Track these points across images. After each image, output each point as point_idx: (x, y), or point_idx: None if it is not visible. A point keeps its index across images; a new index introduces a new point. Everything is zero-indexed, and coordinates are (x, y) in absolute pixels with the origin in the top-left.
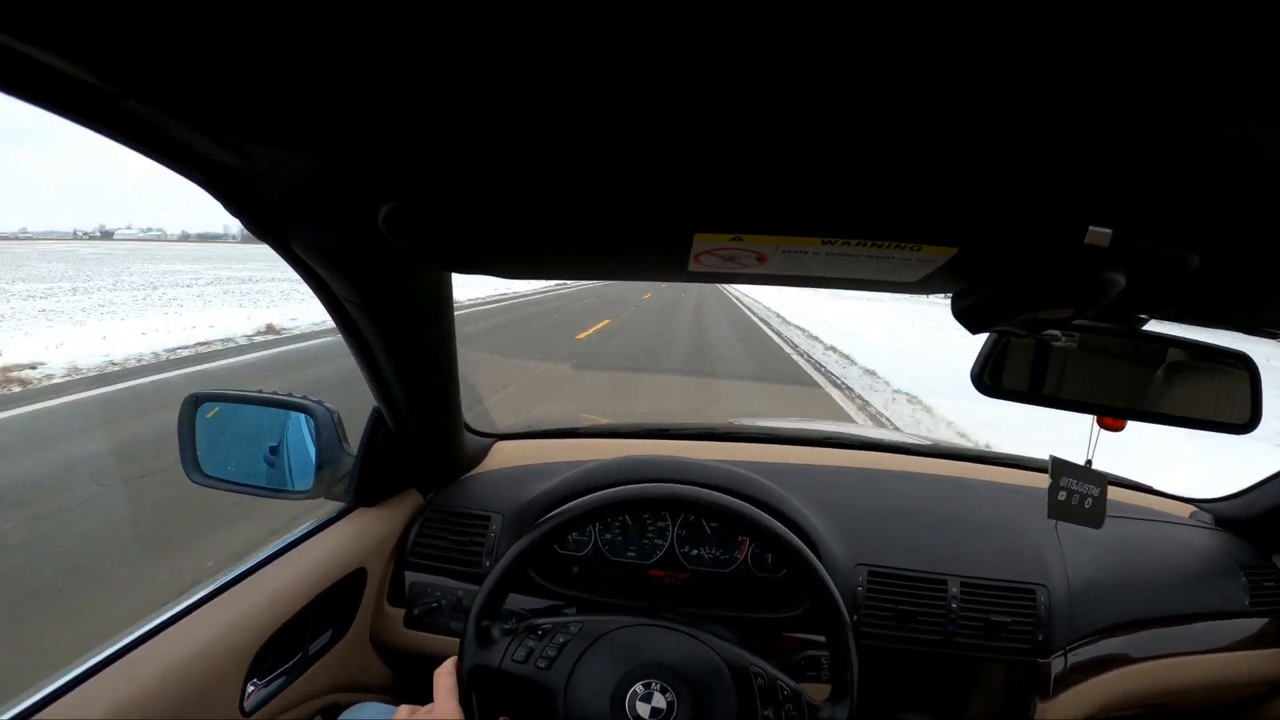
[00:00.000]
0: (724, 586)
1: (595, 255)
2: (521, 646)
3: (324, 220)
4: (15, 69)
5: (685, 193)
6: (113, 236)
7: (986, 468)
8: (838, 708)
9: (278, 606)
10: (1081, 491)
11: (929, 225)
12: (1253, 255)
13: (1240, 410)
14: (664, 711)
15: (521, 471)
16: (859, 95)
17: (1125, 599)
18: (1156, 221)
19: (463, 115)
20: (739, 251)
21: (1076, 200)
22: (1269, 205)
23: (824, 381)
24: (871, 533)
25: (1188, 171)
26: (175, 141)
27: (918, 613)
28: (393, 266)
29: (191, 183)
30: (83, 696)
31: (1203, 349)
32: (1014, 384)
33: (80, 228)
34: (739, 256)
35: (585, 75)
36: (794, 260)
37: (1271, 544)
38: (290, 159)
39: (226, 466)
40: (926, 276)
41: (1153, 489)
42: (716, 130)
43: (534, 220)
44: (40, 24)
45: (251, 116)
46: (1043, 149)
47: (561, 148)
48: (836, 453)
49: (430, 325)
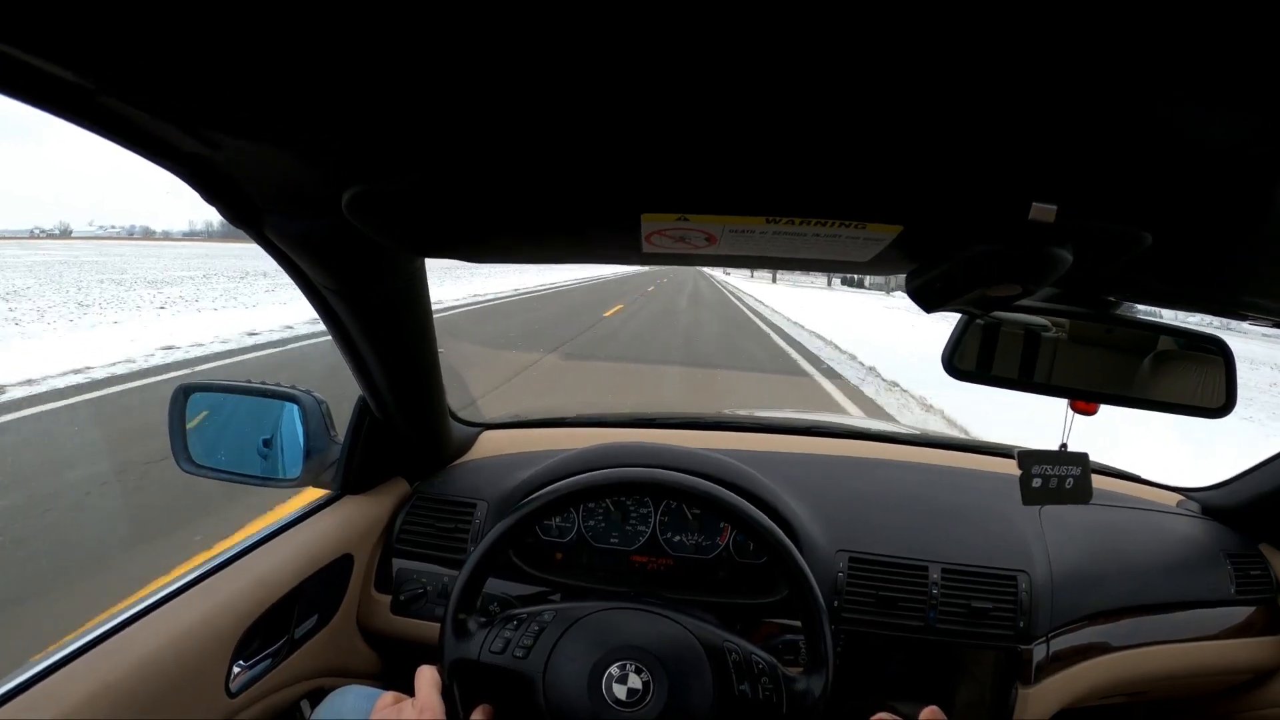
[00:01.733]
0: (706, 572)
1: (551, 237)
2: (499, 637)
3: (296, 208)
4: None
5: (629, 173)
6: (70, 234)
7: (969, 455)
8: (813, 680)
9: (264, 590)
10: (1059, 474)
11: (872, 203)
12: (1208, 233)
13: (1215, 395)
14: (640, 692)
15: (507, 460)
16: (796, 75)
17: (1109, 587)
18: (1102, 198)
19: (416, 101)
20: (688, 231)
21: (1019, 176)
22: (1218, 182)
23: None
24: (853, 519)
25: (1128, 148)
26: (149, 135)
27: (899, 598)
28: (365, 253)
29: (169, 173)
30: (69, 675)
31: (1176, 332)
32: (987, 368)
33: (40, 225)
34: (689, 236)
35: (532, 60)
36: (742, 240)
37: (1258, 532)
38: (258, 148)
39: (216, 455)
40: (877, 256)
41: (1139, 477)
42: (656, 111)
43: (487, 203)
44: (18, 23)
45: (218, 109)
46: (983, 125)
47: (509, 131)
48: (820, 441)
49: (407, 312)
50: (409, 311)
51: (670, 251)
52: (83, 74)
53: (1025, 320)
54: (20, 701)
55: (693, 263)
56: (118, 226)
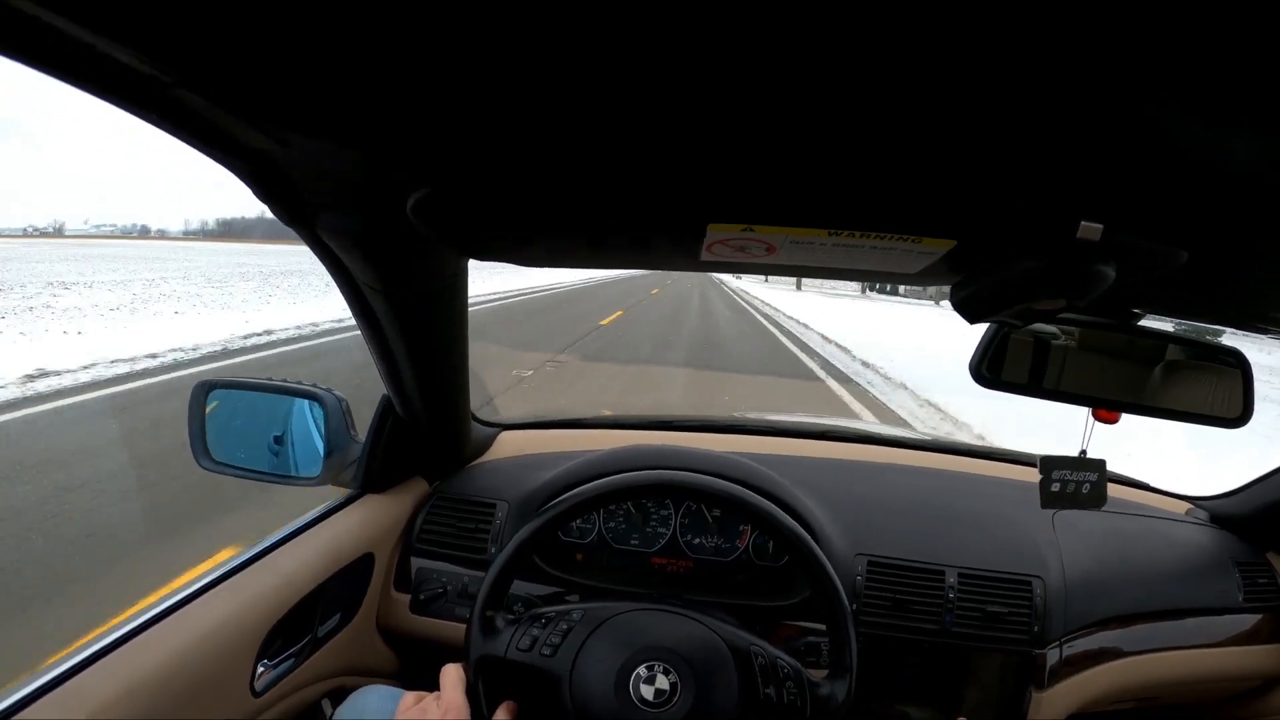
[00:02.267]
0: (725, 575)
1: (612, 244)
2: (526, 635)
3: (353, 207)
4: (72, 56)
5: (700, 184)
6: (64, 233)
7: (984, 462)
8: (836, 685)
9: (288, 589)
10: (1077, 480)
11: (929, 219)
12: (1238, 252)
13: (1232, 405)
14: (667, 693)
15: (527, 460)
16: (863, 93)
17: (1120, 593)
18: (1145, 217)
19: (490, 106)
20: (749, 242)
21: (1069, 196)
22: (1250, 205)
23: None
24: (871, 523)
25: (1173, 171)
26: (219, 130)
27: (915, 602)
28: (414, 252)
29: (229, 171)
30: (98, 674)
31: (1197, 345)
32: (1012, 376)
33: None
34: (749, 246)
35: (607, 71)
36: (801, 251)
37: (1266, 541)
38: (328, 147)
39: (236, 453)
40: (926, 268)
41: (1149, 485)
42: (729, 125)
43: (555, 209)
44: (100, 11)
45: (293, 106)
46: (1036, 148)
47: (583, 140)
48: (837, 446)
49: (445, 312)
50: (447, 312)
51: (728, 260)
52: (160, 67)
53: (1035, 329)
54: (49, 700)
55: (747, 271)
56: (115, 225)
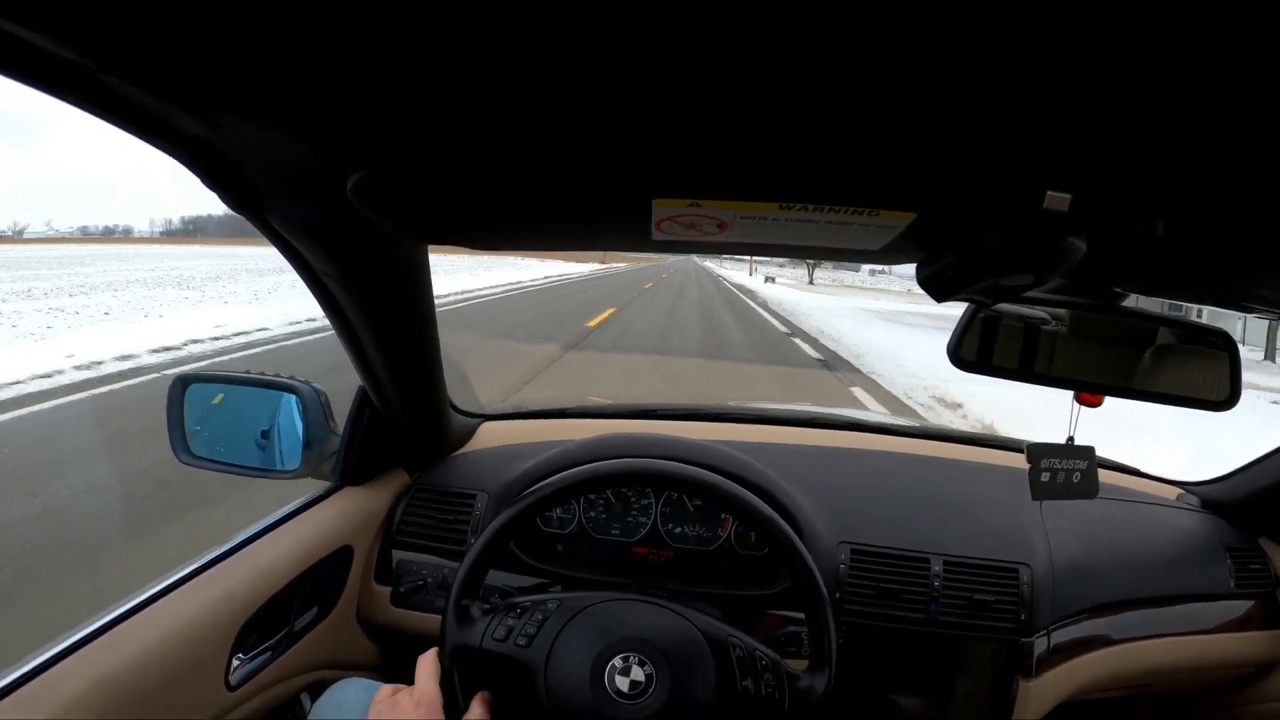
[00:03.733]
0: (707, 564)
1: (559, 224)
2: (501, 625)
3: (300, 193)
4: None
5: (641, 158)
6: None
7: (970, 448)
8: (816, 677)
9: (263, 582)
10: (1066, 469)
11: (885, 191)
12: (1219, 223)
13: (1220, 388)
14: (643, 684)
15: (507, 451)
16: (810, 60)
17: (1109, 579)
18: (1116, 186)
19: (424, 83)
20: (698, 218)
21: (1033, 165)
22: (1229, 172)
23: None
24: (855, 511)
25: (1145, 137)
26: (152, 116)
27: (901, 590)
28: (368, 240)
29: (170, 157)
30: (66, 670)
31: (1183, 325)
32: (989, 359)
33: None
34: (699, 223)
35: (542, 42)
36: (754, 227)
37: (1257, 526)
38: (262, 131)
39: (215, 447)
40: (889, 245)
41: (1139, 471)
42: (668, 96)
43: (494, 190)
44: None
45: (222, 89)
46: (998, 113)
47: (519, 115)
48: (822, 433)
49: (409, 300)
50: (411, 300)
51: (680, 239)
52: (84, 52)
53: (1025, 313)
54: (16, 698)
55: (702, 250)
56: (73, 228)
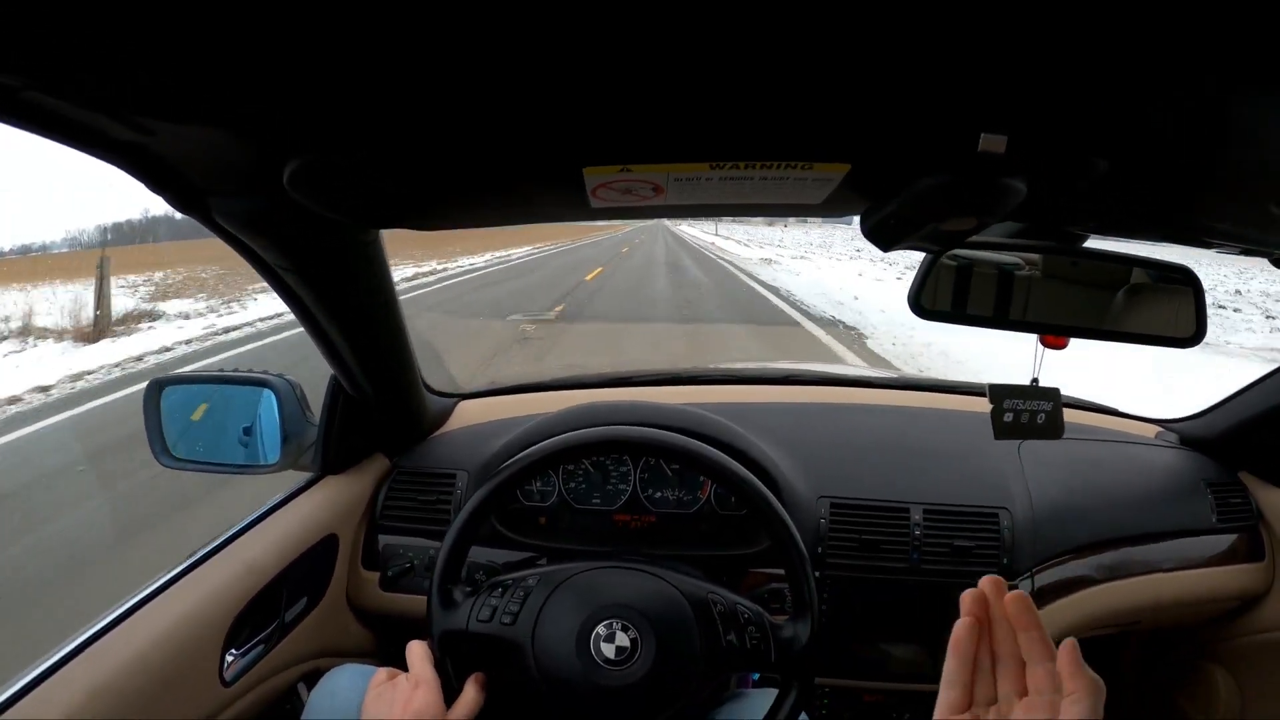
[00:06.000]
0: (689, 527)
1: (497, 198)
2: (485, 605)
3: (239, 188)
4: None
5: (566, 127)
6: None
7: (945, 396)
8: (799, 626)
9: (250, 577)
10: (1031, 409)
11: (817, 142)
12: (1163, 155)
13: (1185, 325)
14: (628, 649)
15: (485, 428)
16: (730, 15)
17: (1091, 520)
18: (1052, 127)
19: (346, 68)
20: (632, 183)
21: (966, 108)
22: (1167, 103)
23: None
24: (832, 465)
25: (1078, 75)
26: (81, 126)
27: (882, 541)
28: (315, 229)
29: (114, 166)
30: (58, 683)
31: (1145, 264)
32: (958, 308)
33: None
34: (634, 188)
35: (462, 16)
36: (690, 189)
37: (1237, 460)
38: (192, 130)
39: (195, 448)
40: (829, 198)
41: (1116, 410)
42: (588, 61)
43: (429, 168)
44: None
45: (145, 93)
46: (925, 58)
47: (441, 92)
48: (797, 390)
49: (367, 285)
50: (369, 284)
51: (618, 205)
52: (3, 73)
53: (998, 260)
54: (11, 715)
55: (644, 215)
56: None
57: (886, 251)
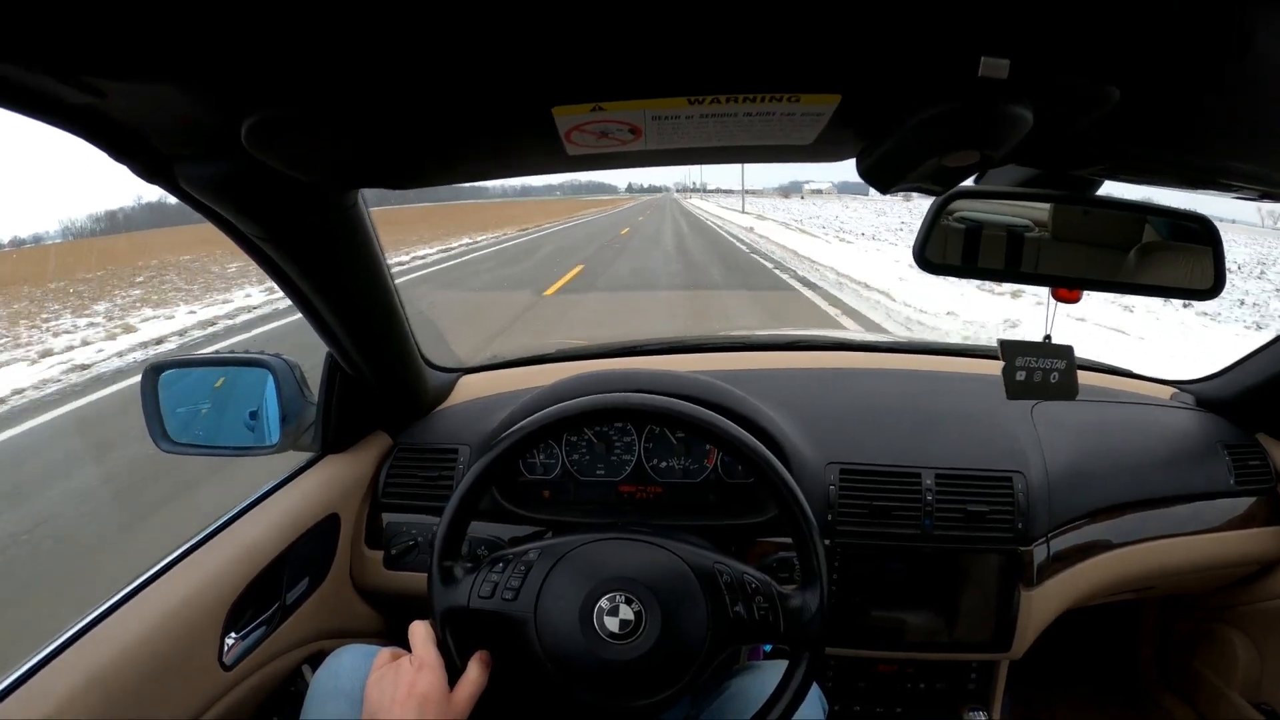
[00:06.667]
0: (696, 496)
1: (467, 150)
2: (486, 581)
3: (201, 150)
4: None
5: (530, 61)
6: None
7: (956, 359)
8: (808, 595)
9: (249, 559)
10: (1044, 368)
11: (804, 71)
12: (1179, 84)
13: (1204, 277)
14: (632, 622)
15: (487, 402)
16: None
17: (1106, 483)
18: (1059, 49)
19: (296, 13)
20: (607, 123)
21: (964, 28)
22: (1183, 25)
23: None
24: (842, 431)
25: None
26: (29, 90)
27: (893, 508)
28: (286, 193)
29: (69, 133)
30: (56, 670)
31: (1160, 211)
32: (958, 260)
33: None
34: (610, 130)
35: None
36: (670, 130)
37: (1254, 422)
38: (143, 89)
39: (194, 431)
40: (820, 137)
41: (1131, 372)
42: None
43: (386, 119)
44: None
45: (88, 50)
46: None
47: (398, 27)
48: (806, 355)
49: (349, 253)
50: (352, 252)
51: (596, 151)
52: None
53: (1007, 220)
54: (10, 702)
55: (624, 164)
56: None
57: (885, 193)
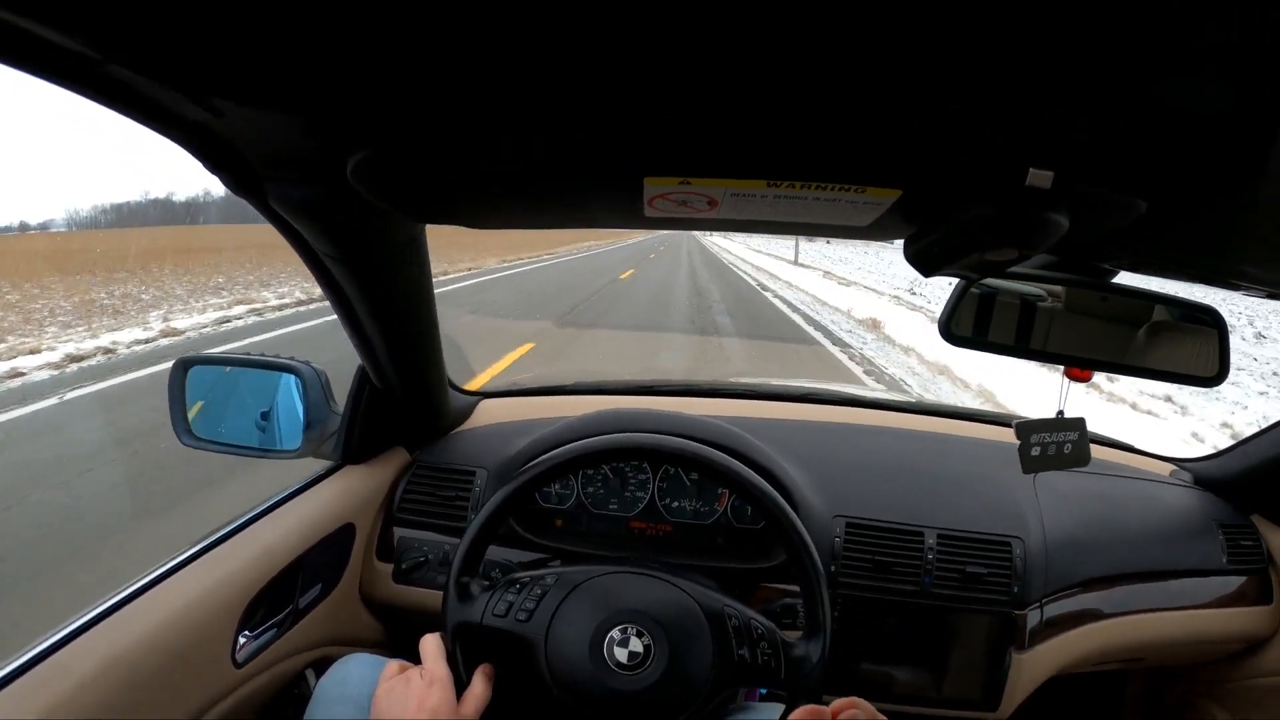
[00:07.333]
0: (704, 538)
1: (554, 202)
2: (501, 601)
3: (298, 174)
4: (4, 37)
5: (632, 137)
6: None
7: (965, 424)
8: (810, 645)
9: (267, 561)
10: (1057, 441)
11: (872, 167)
12: (1200, 203)
13: (1209, 365)
14: (641, 655)
15: (506, 428)
16: (799, 38)
17: (1102, 554)
18: (1098, 166)
19: (421, 67)
20: (690, 195)
21: (1016, 143)
22: (1208, 150)
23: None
24: (850, 485)
25: (1123, 116)
26: (156, 104)
27: (895, 564)
28: (366, 220)
29: (173, 142)
30: (77, 650)
31: (1172, 302)
32: (985, 335)
33: None
34: (690, 200)
35: (535, 22)
36: (744, 204)
37: (1250, 503)
38: (263, 115)
39: (216, 429)
40: (877, 221)
41: (1133, 447)
42: (658, 74)
43: (491, 168)
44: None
45: (223, 76)
46: (981, 93)
47: (513, 96)
48: (818, 408)
49: (407, 279)
50: (409, 278)
51: (672, 216)
52: (89, 44)
53: (1021, 290)
54: (27, 680)
55: (694, 227)
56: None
57: (928, 276)
